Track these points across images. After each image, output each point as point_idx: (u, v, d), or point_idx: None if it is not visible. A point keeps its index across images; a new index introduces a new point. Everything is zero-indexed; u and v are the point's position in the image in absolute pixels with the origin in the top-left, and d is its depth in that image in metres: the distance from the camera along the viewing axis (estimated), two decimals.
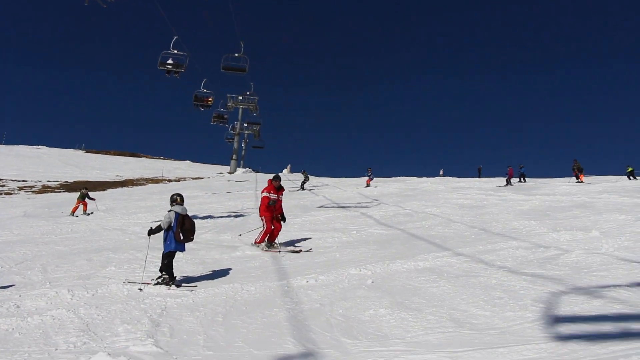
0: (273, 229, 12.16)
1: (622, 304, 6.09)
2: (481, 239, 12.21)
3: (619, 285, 6.95)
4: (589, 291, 6.80)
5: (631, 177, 32.37)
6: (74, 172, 50.47)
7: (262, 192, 12.50)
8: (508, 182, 32.76)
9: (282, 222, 12.49)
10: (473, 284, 7.35)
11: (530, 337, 5.42)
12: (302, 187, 34.45)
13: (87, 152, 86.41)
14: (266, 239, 12.08)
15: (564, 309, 6.14)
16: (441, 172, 51.03)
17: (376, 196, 25.80)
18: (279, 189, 12.50)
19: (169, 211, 8.70)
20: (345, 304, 7.43)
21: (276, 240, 12.22)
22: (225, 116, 63.79)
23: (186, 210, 8.86)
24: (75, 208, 21.90)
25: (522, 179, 35.01)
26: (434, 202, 21.06)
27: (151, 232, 8.61)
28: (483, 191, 25.73)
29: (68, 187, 37.48)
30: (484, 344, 5.38)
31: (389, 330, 6.31)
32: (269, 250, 11.81)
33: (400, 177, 43.94)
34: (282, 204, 12.71)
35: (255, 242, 12.25)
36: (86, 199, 22.35)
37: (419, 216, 16.83)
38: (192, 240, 8.89)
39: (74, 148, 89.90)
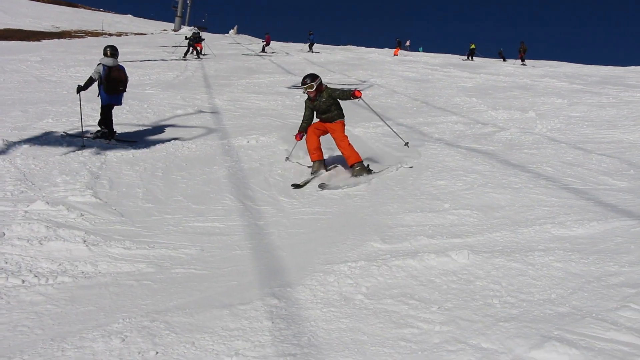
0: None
1: (545, 180, 6.51)
2: (422, 111, 12.54)
3: (545, 162, 7.42)
4: (517, 166, 7.25)
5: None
6: (3, 18, 46.58)
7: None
8: (263, 49, 32.91)
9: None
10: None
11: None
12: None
13: None
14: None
15: (493, 182, 6.55)
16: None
17: (322, 63, 25.50)
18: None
19: (97, 65, 8.45)
20: (284, 165, 7.69)
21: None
22: None
23: (116, 63, 8.56)
24: None
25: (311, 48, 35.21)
26: (380, 72, 21.11)
27: (80, 89, 8.27)
28: (429, 66, 25.86)
29: None
30: (416, 208, 5.79)
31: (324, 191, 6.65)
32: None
33: (348, 46, 43.06)
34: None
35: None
36: None
37: (363, 85, 16.92)
38: (122, 91, 8.72)
39: None
